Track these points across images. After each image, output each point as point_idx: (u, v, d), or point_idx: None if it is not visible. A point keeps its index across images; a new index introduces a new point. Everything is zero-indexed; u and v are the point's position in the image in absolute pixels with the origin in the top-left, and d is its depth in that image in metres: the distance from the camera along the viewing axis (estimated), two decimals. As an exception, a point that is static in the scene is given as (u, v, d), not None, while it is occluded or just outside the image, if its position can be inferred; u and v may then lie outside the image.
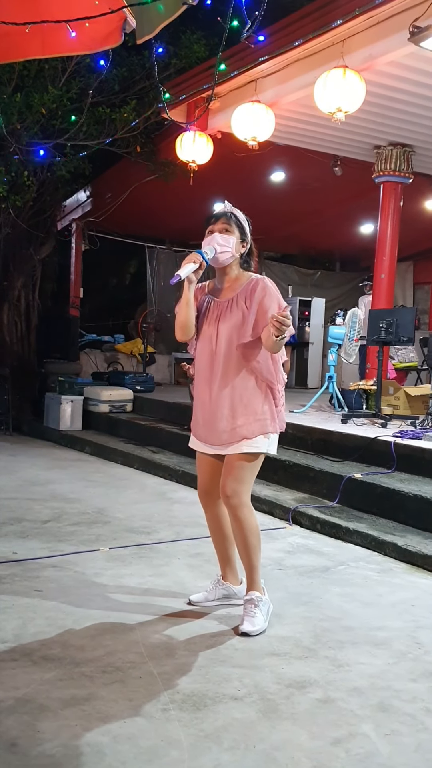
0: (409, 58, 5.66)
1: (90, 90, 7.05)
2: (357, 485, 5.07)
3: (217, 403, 3.12)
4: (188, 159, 7.17)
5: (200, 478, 3.32)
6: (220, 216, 3.18)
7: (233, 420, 3.09)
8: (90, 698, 2.44)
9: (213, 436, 3.15)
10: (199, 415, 3.23)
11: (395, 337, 6.66)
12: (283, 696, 2.50)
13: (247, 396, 3.10)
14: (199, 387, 3.22)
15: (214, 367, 3.13)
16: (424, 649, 2.94)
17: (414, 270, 13.67)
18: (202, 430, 3.22)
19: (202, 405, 3.20)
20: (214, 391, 3.12)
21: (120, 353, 12.20)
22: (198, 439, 3.26)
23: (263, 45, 5.96)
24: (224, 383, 3.10)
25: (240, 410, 3.09)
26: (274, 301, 3.07)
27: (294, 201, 9.92)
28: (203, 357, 3.19)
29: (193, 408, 3.32)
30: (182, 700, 2.45)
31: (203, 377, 3.18)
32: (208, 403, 3.15)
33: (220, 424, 3.11)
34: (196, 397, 3.27)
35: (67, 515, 5.01)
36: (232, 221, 3.16)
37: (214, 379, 3.13)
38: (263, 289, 3.09)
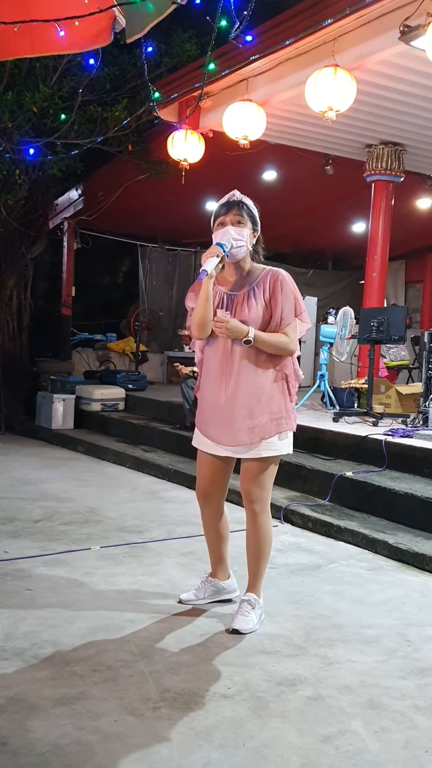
0: (399, 57, 5.67)
1: (80, 89, 7.01)
2: (348, 483, 5.09)
3: (233, 402, 3.00)
4: (180, 158, 7.16)
5: (200, 479, 3.23)
6: (231, 206, 3.03)
7: (251, 419, 2.99)
8: (81, 697, 2.44)
9: (228, 436, 3.04)
10: (210, 414, 3.09)
11: (386, 335, 6.68)
12: (273, 694, 2.52)
13: (266, 393, 3.01)
14: (211, 385, 3.08)
15: (230, 363, 3.01)
16: (414, 647, 2.96)
17: (406, 269, 13.71)
18: (214, 430, 3.08)
19: (214, 404, 3.07)
20: (230, 389, 3.01)
21: (112, 352, 12.17)
22: (209, 438, 3.12)
23: (254, 44, 5.95)
24: (241, 380, 3.00)
25: (258, 409, 3.00)
26: (290, 297, 3.00)
27: (286, 200, 9.93)
28: (216, 353, 3.06)
29: (200, 406, 3.18)
30: (173, 698, 2.46)
31: (216, 375, 3.06)
32: (223, 402, 3.02)
33: (236, 423, 3.00)
34: (205, 396, 3.14)
35: (58, 514, 5.00)
36: (244, 211, 3.03)
37: (229, 376, 3.01)
38: (281, 284, 3.00)
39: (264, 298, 3.02)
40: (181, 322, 13.13)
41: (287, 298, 3.01)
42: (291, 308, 3.03)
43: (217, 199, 3.21)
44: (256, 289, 3.04)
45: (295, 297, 3.04)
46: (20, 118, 7.70)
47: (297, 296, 3.06)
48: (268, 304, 3.02)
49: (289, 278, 3.07)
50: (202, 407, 3.17)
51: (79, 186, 10.09)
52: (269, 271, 3.07)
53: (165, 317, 13.04)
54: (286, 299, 3.01)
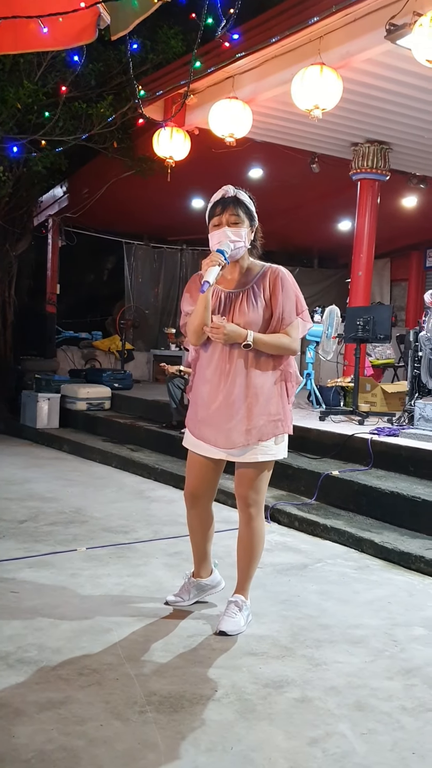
0: (385, 55, 5.67)
1: (63, 86, 6.95)
2: (334, 482, 5.09)
3: (230, 403, 2.92)
4: (165, 155, 7.13)
5: (190, 480, 3.16)
6: (227, 205, 2.91)
7: (249, 421, 2.91)
8: (66, 701, 2.42)
9: (223, 438, 2.95)
10: (204, 416, 2.99)
11: (372, 334, 6.68)
12: (260, 696, 2.50)
13: (264, 395, 2.94)
14: (206, 385, 2.99)
15: (227, 363, 2.93)
16: (400, 647, 2.96)
17: (391, 267, 13.75)
18: (208, 432, 2.99)
19: (208, 405, 2.97)
20: (227, 390, 2.92)
21: (98, 350, 12.13)
22: (202, 440, 3.03)
23: (240, 41, 5.94)
24: (238, 381, 2.91)
25: (256, 410, 2.92)
26: (290, 295, 2.94)
27: (272, 198, 9.88)
28: (213, 353, 2.97)
29: (193, 407, 3.09)
30: (159, 701, 2.44)
31: (212, 375, 2.96)
32: (219, 403, 2.94)
33: (233, 425, 2.91)
34: (199, 396, 3.04)
35: (44, 515, 4.97)
36: (241, 209, 2.92)
37: (225, 376, 2.93)
38: (282, 282, 2.94)
39: (264, 297, 2.95)
40: (167, 320, 13.11)
41: (288, 296, 2.94)
42: (292, 307, 2.95)
43: (203, 197, 3.15)
44: (255, 288, 2.96)
45: (296, 295, 2.97)
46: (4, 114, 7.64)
47: (298, 294, 2.99)
48: (269, 303, 2.95)
49: (290, 276, 3.00)
50: (196, 408, 3.07)
51: (63, 183, 10.03)
52: (269, 269, 3.00)
53: (151, 315, 13.00)
54: (287, 297, 2.94)
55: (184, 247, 13.05)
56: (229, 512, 4.84)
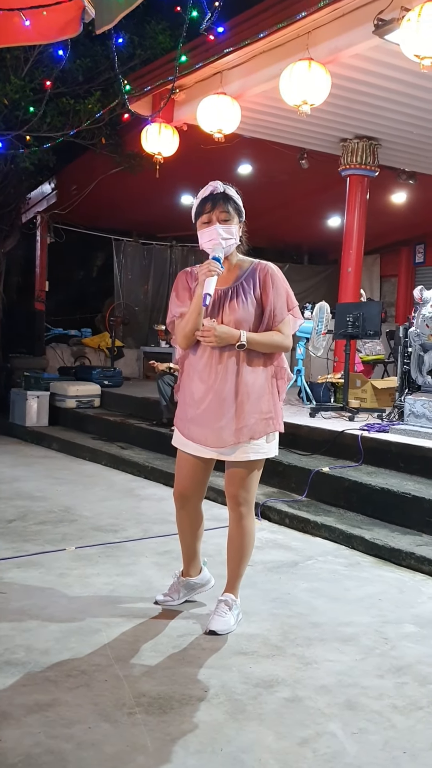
0: (373, 50, 5.65)
1: (48, 81, 6.89)
2: (325, 479, 5.08)
3: (221, 401, 2.87)
4: (154, 151, 7.09)
5: (179, 480, 3.11)
6: (216, 202, 2.86)
7: (240, 419, 2.87)
8: (54, 704, 2.39)
9: (214, 437, 2.91)
10: (194, 414, 2.95)
11: (362, 330, 6.67)
12: (250, 696, 2.48)
13: (255, 392, 2.90)
14: (196, 384, 2.94)
15: (219, 362, 2.88)
16: (391, 645, 2.95)
17: (380, 263, 13.75)
18: (198, 431, 2.95)
19: (198, 403, 2.93)
20: (217, 388, 2.88)
21: (87, 347, 12.06)
22: (191, 439, 2.98)
23: (228, 36, 5.90)
24: (230, 379, 2.87)
25: (247, 408, 2.88)
26: (281, 291, 2.91)
27: (261, 194, 9.87)
28: (204, 351, 2.92)
29: (182, 406, 3.04)
30: (148, 703, 2.41)
31: (202, 373, 2.92)
32: (211, 402, 2.89)
33: (224, 424, 2.87)
34: (188, 395, 2.99)
35: (32, 514, 4.93)
36: (230, 206, 2.87)
37: (215, 374, 2.88)
38: (272, 278, 2.91)
39: (254, 294, 2.91)
40: (157, 316, 13.05)
41: (279, 292, 2.92)
42: (283, 303, 2.93)
43: (192, 193, 3.11)
44: (245, 284, 2.92)
45: (286, 291, 2.94)
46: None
47: (288, 290, 2.96)
48: (259, 300, 2.91)
49: (279, 272, 2.96)
50: (185, 407, 3.02)
51: (52, 179, 9.96)
52: (258, 265, 2.97)
53: (140, 312, 12.94)
54: (278, 294, 2.91)
55: (174, 244, 13.00)
56: (218, 510, 4.82)
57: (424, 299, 5.47)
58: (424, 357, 5.51)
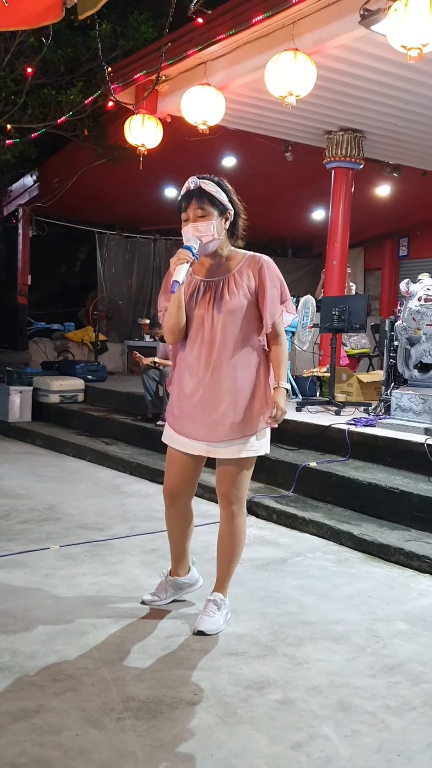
0: (359, 41, 5.59)
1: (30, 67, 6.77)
2: (312, 474, 5.04)
3: (214, 396, 2.83)
4: (137, 143, 6.99)
5: (169, 477, 3.05)
6: (190, 199, 2.78)
7: (233, 414, 2.83)
8: (40, 710, 2.33)
9: (206, 432, 2.86)
10: (187, 409, 2.90)
11: (348, 324, 6.64)
12: (241, 698, 2.44)
13: (249, 388, 2.86)
14: (188, 378, 2.89)
15: (210, 355, 2.83)
16: (382, 643, 2.91)
17: (365, 256, 13.74)
18: (190, 426, 2.90)
19: (190, 398, 2.88)
20: (209, 383, 2.83)
21: (70, 341, 11.96)
22: (183, 434, 2.93)
23: (213, 26, 5.82)
24: (222, 373, 2.82)
25: (241, 403, 2.84)
26: (276, 284, 2.85)
27: (245, 186, 9.74)
28: (194, 344, 2.86)
29: (174, 401, 2.98)
30: (137, 707, 2.36)
31: (194, 367, 2.87)
32: (201, 396, 2.85)
33: (217, 419, 2.83)
34: (180, 390, 2.94)
35: (16, 512, 4.85)
36: (205, 201, 2.77)
37: (208, 368, 2.83)
38: (267, 271, 2.84)
39: (248, 286, 2.85)
40: (141, 310, 12.97)
41: (274, 284, 2.86)
42: (278, 296, 2.87)
43: (176, 186, 3.05)
44: (237, 276, 2.86)
45: (281, 283, 2.89)
46: (-29, 101, 7.45)
47: (283, 283, 2.90)
48: (254, 292, 2.85)
49: (274, 264, 2.91)
50: (176, 401, 2.96)
51: (33, 172, 9.85)
52: (252, 257, 2.90)
53: (124, 306, 12.86)
54: (273, 286, 2.85)
55: (157, 237, 12.91)
56: (206, 506, 4.77)
57: (411, 293, 5.44)
58: (410, 351, 5.48)
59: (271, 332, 2.89)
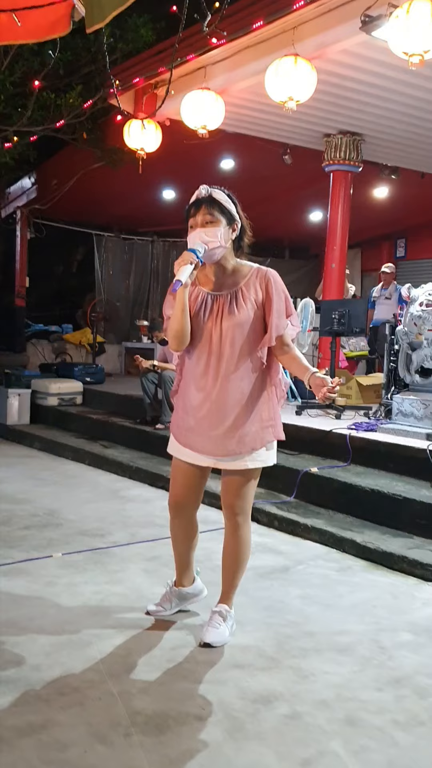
0: (360, 46, 5.59)
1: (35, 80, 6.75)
2: (313, 479, 5.04)
3: (220, 409, 2.81)
4: (136, 147, 6.97)
5: (174, 488, 3.02)
6: (200, 205, 2.78)
7: (241, 428, 2.81)
8: (47, 725, 2.32)
9: (214, 446, 2.84)
10: (192, 423, 2.88)
11: (348, 328, 6.64)
12: (248, 713, 2.43)
13: (256, 400, 2.84)
14: (194, 391, 2.87)
15: (218, 369, 2.81)
16: (388, 654, 2.91)
17: (362, 257, 13.75)
18: (196, 440, 2.88)
19: (196, 411, 2.86)
20: (216, 396, 2.81)
21: (68, 343, 11.94)
22: (190, 448, 2.91)
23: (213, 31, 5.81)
24: (230, 387, 2.80)
25: (248, 417, 2.82)
26: (282, 297, 2.84)
27: (244, 189, 9.71)
28: (202, 357, 2.84)
29: (179, 413, 2.97)
30: (144, 722, 2.35)
31: (201, 380, 2.85)
32: (208, 410, 2.83)
33: (224, 432, 2.81)
34: (186, 402, 2.92)
35: (16, 518, 4.84)
36: (215, 208, 2.77)
37: (215, 382, 2.81)
38: (274, 285, 2.83)
39: (254, 300, 2.83)
40: (138, 312, 12.95)
41: (279, 298, 2.85)
42: (283, 309, 2.86)
43: (174, 188, 3.05)
44: (244, 290, 2.84)
45: (286, 297, 2.88)
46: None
47: (287, 296, 2.90)
48: (261, 306, 2.84)
49: (279, 277, 2.90)
50: (182, 414, 2.95)
51: (32, 174, 9.83)
52: (258, 271, 2.88)
53: (122, 307, 12.84)
54: (279, 300, 2.84)
55: (155, 239, 12.89)
56: (206, 512, 4.74)
57: (412, 298, 5.44)
58: (412, 356, 5.48)
59: (278, 343, 2.88)
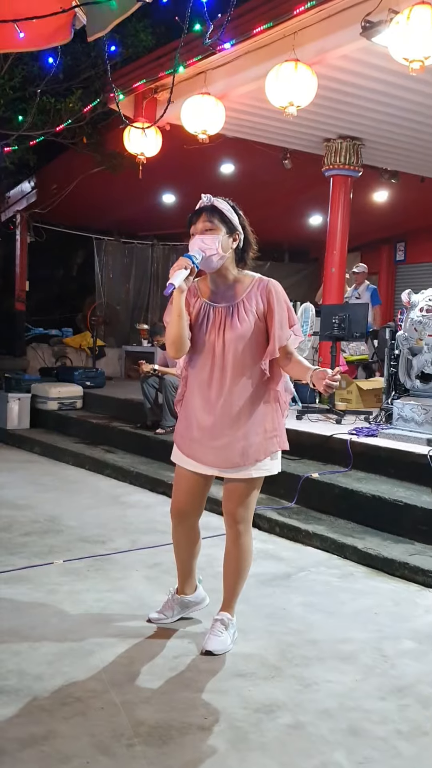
0: (360, 52, 5.60)
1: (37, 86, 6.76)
2: (314, 485, 5.03)
3: (224, 422, 2.82)
4: (137, 152, 6.98)
5: (177, 496, 3.02)
6: (200, 213, 2.80)
7: (245, 439, 2.82)
8: (49, 736, 2.31)
9: (216, 457, 2.85)
10: (197, 434, 2.89)
11: (348, 332, 6.64)
12: (251, 722, 2.42)
13: (260, 412, 2.85)
14: (199, 403, 2.88)
15: (221, 381, 2.82)
16: (390, 663, 2.90)
17: (361, 261, 13.71)
18: (201, 450, 2.89)
19: (201, 424, 2.87)
20: (223, 409, 2.82)
21: (68, 347, 11.94)
22: (194, 458, 2.92)
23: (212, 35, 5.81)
24: (233, 399, 2.81)
25: (253, 429, 2.82)
26: (284, 308, 2.83)
27: (244, 193, 9.71)
28: (204, 369, 2.85)
29: (184, 423, 2.97)
30: (147, 732, 2.35)
31: (205, 392, 2.85)
32: (212, 421, 2.83)
33: (228, 443, 2.82)
34: (189, 413, 2.93)
35: (17, 524, 4.83)
36: (215, 216, 2.78)
37: (220, 394, 2.82)
38: (276, 295, 2.82)
39: (256, 311, 2.82)
40: (138, 315, 12.95)
41: (282, 308, 2.83)
42: (286, 319, 2.85)
43: (174, 192, 3.06)
44: (246, 302, 2.83)
45: (288, 307, 2.87)
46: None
47: (290, 306, 2.89)
48: (262, 317, 2.83)
49: (281, 288, 2.89)
50: (186, 424, 2.95)
51: (32, 178, 9.83)
52: (259, 281, 2.87)
53: (122, 311, 12.84)
54: (281, 310, 2.83)
55: (155, 242, 12.89)
56: (209, 518, 4.71)
57: (412, 303, 5.44)
58: (412, 361, 5.48)
59: (281, 353, 2.86)
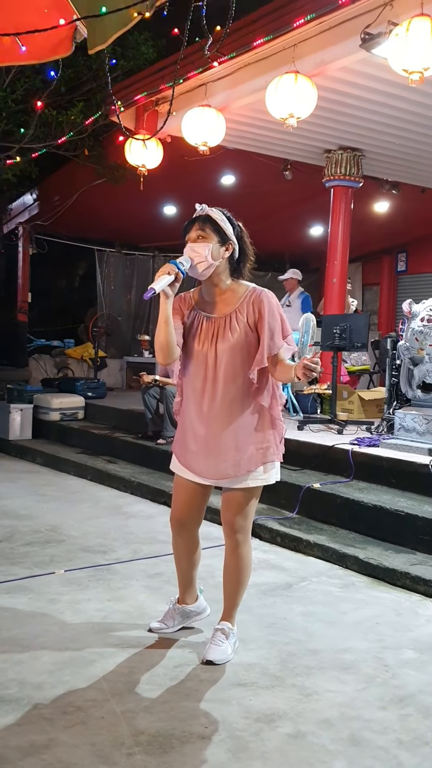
0: (360, 63, 5.64)
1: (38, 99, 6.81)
2: (316, 495, 5.03)
3: (218, 434, 2.84)
4: (138, 164, 7.02)
5: (176, 506, 3.04)
6: (194, 222, 2.82)
7: (239, 452, 2.83)
8: (50, 745, 2.31)
9: (210, 469, 2.88)
10: (192, 445, 2.91)
11: (349, 342, 6.65)
12: (252, 732, 2.42)
13: (254, 423, 2.86)
14: (193, 415, 2.90)
15: (212, 391, 2.83)
16: (391, 672, 2.89)
17: (363, 271, 13.78)
18: (197, 463, 2.91)
19: (195, 435, 2.89)
20: (215, 420, 2.84)
21: (70, 358, 11.96)
22: (189, 469, 2.94)
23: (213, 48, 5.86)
24: (227, 410, 2.82)
25: (246, 440, 2.84)
26: (277, 318, 2.82)
27: (244, 204, 9.80)
28: (196, 381, 2.87)
29: (181, 433, 3.00)
30: (148, 741, 2.34)
31: (198, 402, 2.87)
32: (210, 434, 2.85)
33: (223, 456, 2.84)
34: (186, 425, 2.96)
35: (19, 534, 4.83)
36: (208, 225, 2.80)
37: (211, 405, 2.84)
38: (267, 306, 2.80)
39: (248, 321, 2.83)
40: (140, 326, 12.99)
41: (273, 318, 2.82)
42: (278, 329, 2.83)
43: (175, 204, 3.08)
44: (238, 313, 2.84)
45: (281, 318, 2.86)
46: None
47: (283, 317, 2.88)
48: (254, 328, 2.83)
49: (274, 298, 2.88)
50: (183, 435, 2.98)
51: (34, 190, 9.89)
52: (252, 291, 2.87)
53: (123, 322, 12.88)
54: (273, 320, 2.82)
55: (156, 254, 12.94)
56: (209, 528, 4.72)
57: (414, 313, 5.46)
58: (413, 371, 5.48)
59: (272, 362, 2.84)
